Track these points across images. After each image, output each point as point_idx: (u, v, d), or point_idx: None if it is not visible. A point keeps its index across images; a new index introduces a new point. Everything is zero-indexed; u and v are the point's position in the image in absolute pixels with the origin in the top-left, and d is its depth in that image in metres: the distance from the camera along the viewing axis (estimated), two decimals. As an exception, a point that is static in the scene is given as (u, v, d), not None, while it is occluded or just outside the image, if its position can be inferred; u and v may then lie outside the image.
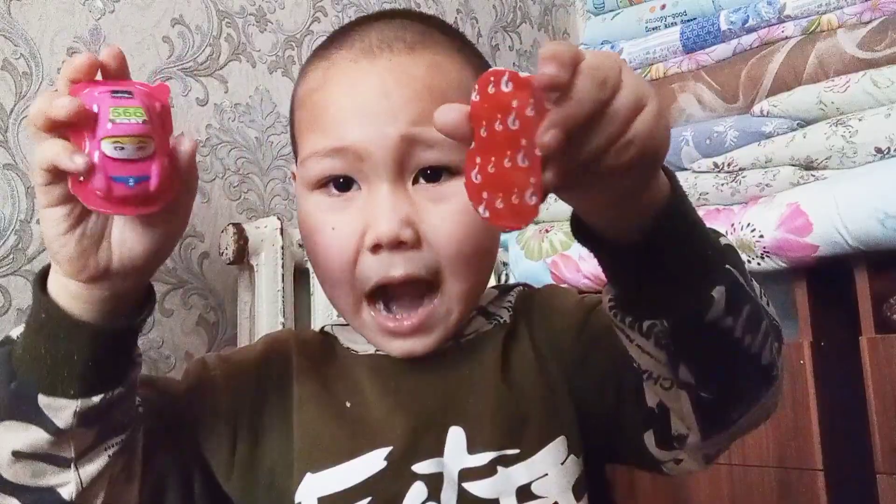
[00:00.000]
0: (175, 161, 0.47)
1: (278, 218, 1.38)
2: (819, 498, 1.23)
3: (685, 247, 0.46)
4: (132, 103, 0.45)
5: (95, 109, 0.45)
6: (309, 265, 1.42)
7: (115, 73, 0.48)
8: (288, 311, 1.34)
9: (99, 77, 0.48)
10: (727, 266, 0.47)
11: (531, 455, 0.58)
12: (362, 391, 0.61)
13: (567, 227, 1.49)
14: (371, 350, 0.63)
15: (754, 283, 0.51)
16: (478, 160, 0.39)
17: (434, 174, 0.58)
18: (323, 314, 1.41)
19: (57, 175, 0.45)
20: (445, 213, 0.57)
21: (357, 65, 0.59)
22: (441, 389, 0.61)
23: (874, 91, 1.27)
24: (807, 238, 1.24)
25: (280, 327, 1.32)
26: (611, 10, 1.87)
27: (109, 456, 0.51)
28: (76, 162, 0.44)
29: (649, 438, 0.56)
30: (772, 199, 1.32)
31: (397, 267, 0.57)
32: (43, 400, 0.48)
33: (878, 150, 1.24)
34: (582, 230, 0.46)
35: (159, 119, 0.47)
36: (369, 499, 0.57)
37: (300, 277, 1.41)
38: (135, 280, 0.50)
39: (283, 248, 1.35)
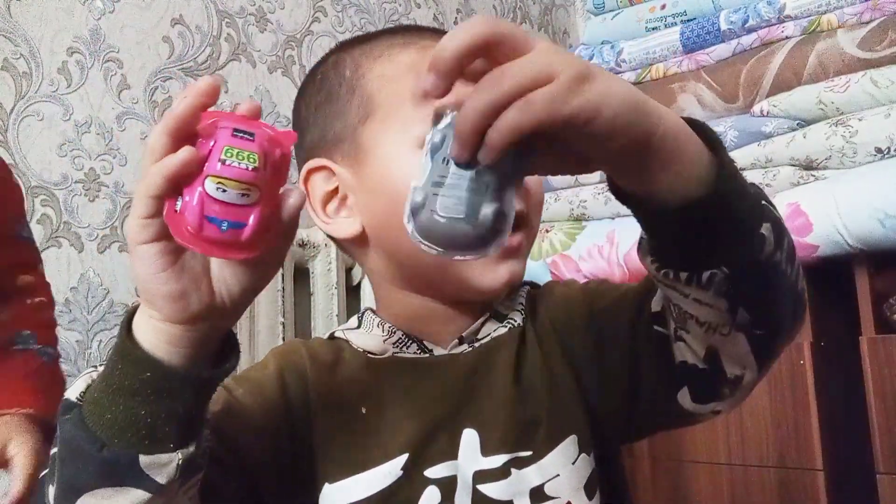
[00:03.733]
0: (278, 212, 0.46)
1: (278, 218, 1.38)
2: (819, 498, 1.23)
3: (742, 194, 0.48)
4: (249, 147, 0.44)
5: (212, 143, 0.43)
6: (309, 265, 1.42)
7: (249, 116, 0.46)
8: (288, 311, 1.34)
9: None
10: (763, 202, 0.50)
11: (543, 456, 0.60)
12: (378, 395, 0.62)
13: (567, 227, 1.50)
14: (389, 352, 0.65)
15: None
16: None
17: None
18: (323, 314, 1.41)
19: (159, 207, 0.44)
20: None
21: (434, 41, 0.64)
22: (455, 392, 0.62)
23: (874, 91, 1.27)
24: (807, 238, 1.24)
25: (280, 327, 1.32)
26: (611, 10, 1.87)
27: (189, 499, 0.51)
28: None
29: (683, 396, 0.58)
30: (772, 198, 1.32)
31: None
32: (144, 460, 0.47)
33: (878, 150, 1.24)
34: (633, 197, 0.48)
35: (274, 167, 0.45)
36: None
37: (300, 277, 1.41)
38: (231, 319, 0.50)
39: (283, 248, 1.35)
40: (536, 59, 0.42)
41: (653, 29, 1.74)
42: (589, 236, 1.53)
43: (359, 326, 0.68)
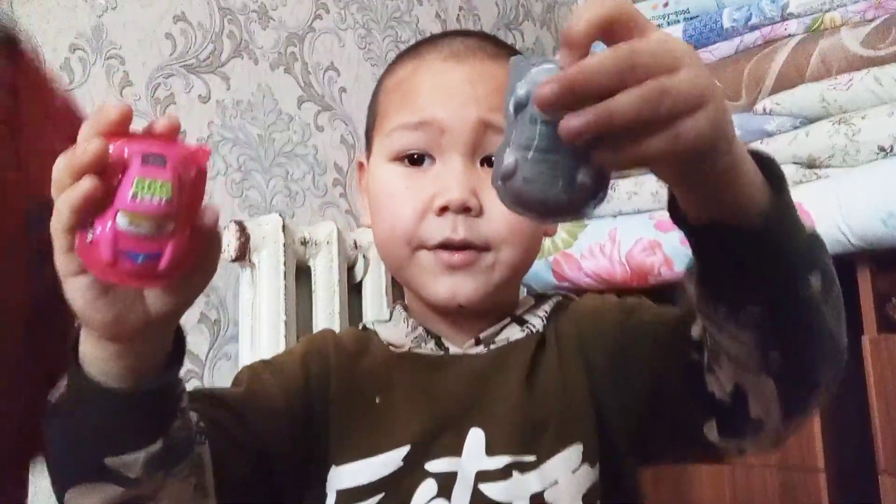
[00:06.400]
0: (194, 233, 0.44)
1: (280, 215, 1.38)
2: (821, 498, 1.22)
3: (796, 235, 0.48)
4: (162, 176, 0.41)
5: (123, 173, 0.41)
6: (310, 262, 1.42)
7: (162, 137, 0.44)
8: (290, 309, 1.34)
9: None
10: (816, 248, 0.50)
11: (545, 461, 0.60)
12: (393, 387, 0.65)
13: (568, 225, 1.49)
14: (407, 346, 0.67)
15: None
16: None
17: None
18: (324, 312, 1.41)
19: (74, 240, 0.43)
20: None
21: (446, 63, 0.67)
22: (465, 390, 0.64)
23: (877, 89, 1.27)
24: (809, 237, 1.24)
25: (282, 326, 1.32)
26: (614, 8, 1.87)
27: (180, 480, 0.52)
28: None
29: (710, 428, 0.57)
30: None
31: (459, 230, 0.63)
32: (110, 461, 0.49)
33: (881, 149, 1.24)
34: (694, 223, 0.47)
35: (190, 190, 0.43)
36: (382, 495, 0.60)
37: (302, 275, 1.41)
38: (170, 330, 0.50)
39: (284, 245, 1.35)
40: (666, 49, 0.41)
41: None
42: (590, 234, 1.53)
43: (389, 319, 0.72)
